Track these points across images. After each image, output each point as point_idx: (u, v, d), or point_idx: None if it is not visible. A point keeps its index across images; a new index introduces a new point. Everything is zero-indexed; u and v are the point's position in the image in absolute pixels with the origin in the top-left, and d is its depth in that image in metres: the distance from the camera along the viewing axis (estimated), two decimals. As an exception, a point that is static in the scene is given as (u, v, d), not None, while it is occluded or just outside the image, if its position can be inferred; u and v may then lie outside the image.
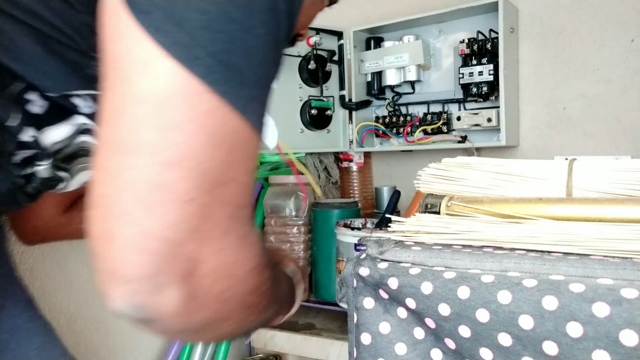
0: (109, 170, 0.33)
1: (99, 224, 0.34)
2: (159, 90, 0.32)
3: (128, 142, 0.33)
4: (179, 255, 0.33)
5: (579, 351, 0.40)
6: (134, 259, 0.33)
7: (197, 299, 0.35)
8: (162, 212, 0.32)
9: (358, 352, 0.54)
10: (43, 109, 0.43)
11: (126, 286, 0.34)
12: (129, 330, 0.85)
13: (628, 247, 0.45)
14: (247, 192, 0.37)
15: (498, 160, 0.59)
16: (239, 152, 0.35)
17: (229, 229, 0.36)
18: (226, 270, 0.36)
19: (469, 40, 0.98)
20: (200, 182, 0.33)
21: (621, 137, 0.94)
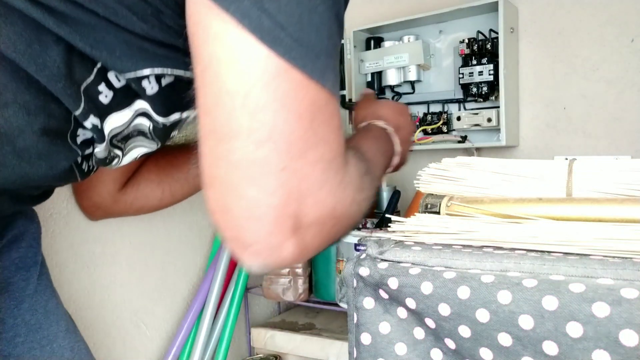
0: (215, 155, 0.40)
1: (214, 201, 0.41)
2: (246, 74, 0.38)
3: (226, 129, 0.39)
4: (284, 216, 0.39)
5: (579, 351, 0.40)
6: (248, 226, 0.39)
7: (308, 245, 0.42)
8: (262, 183, 0.39)
9: (358, 352, 0.54)
10: (109, 99, 0.47)
11: (249, 249, 0.40)
12: (129, 330, 0.85)
13: (628, 247, 0.45)
14: (337, 146, 0.43)
15: (498, 160, 0.59)
16: (321, 117, 0.41)
17: (324, 182, 0.41)
18: (328, 214, 0.43)
19: (469, 40, 0.98)
20: (289, 152, 0.39)
21: (621, 137, 0.94)
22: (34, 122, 0.44)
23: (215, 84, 0.39)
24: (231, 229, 0.40)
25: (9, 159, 0.44)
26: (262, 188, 0.39)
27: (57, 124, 0.46)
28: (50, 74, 0.43)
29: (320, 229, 0.43)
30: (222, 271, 0.94)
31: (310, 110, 0.40)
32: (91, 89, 0.46)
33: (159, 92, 0.49)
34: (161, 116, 0.52)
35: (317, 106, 0.40)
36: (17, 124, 0.43)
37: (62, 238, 0.76)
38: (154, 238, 0.89)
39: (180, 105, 0.52)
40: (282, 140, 0.39)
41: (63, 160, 0.48)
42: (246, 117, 0.38)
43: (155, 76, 0.47)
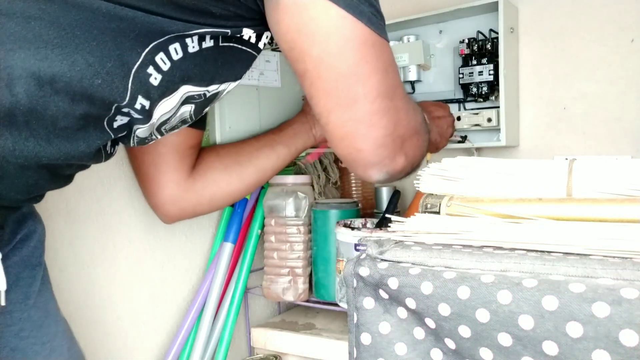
0: (343, 120, 0.56)
1: (347, 148, 0.58)
2: (351, 53, 0.54)
3: (348, 100, 0.55)
4: (395, 139, 0.58)
5: (579, 351, 0.40)
6: (377, 153, 0.58)
7: (409, 154, 0.61)
8: (380, 124, 0.57)
9: (358, 352, 0.54)
10: (158, 82, 0.54)
11: (377, 166, 0.59)
12: (129, 330, 0.85)
13: (628, 247, 0.45)
14: (401, 84, 0.61)
15: (498, 160, 0.59)
16: (394, 66, 0.59)
17: (407, 109, 0.60)
18: (415, 130, 0.62)
19: (469, 40, 0.98)
20: (387, 97, 0.57)
21: (621, 137, 0.94)
22: (76, 109, 0.50)
23: (332, 72, 0.54)
24: (362, 160, 0.58)
25: (52, 138, 0.49)
26: (381, 127, 0.57)
27: (97, 111, 0.52)
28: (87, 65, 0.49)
29: (413, 143, 0.61)
30: (222, 271, 0.94)
31: (390, 64, 0.57)
32: (141, 72, 0.52)
33: (198, 52, 0.56)
34: (203, 85, 0.59)
35: (391, 59, 0.58)
36: (64, 109, 0.49)
37: (62, 238, 0.76)
38: (154, 238, 0.89)
39: (218, 75, 0.60)
40: (384, 92, 0.56)
41: (98, 140, 0.54)
42: (360, 87, 0.55)
43: (198, 37, 0.55)
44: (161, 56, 0.53)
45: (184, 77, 0.56)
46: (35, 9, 0.46)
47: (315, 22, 0.53)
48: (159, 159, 0.78)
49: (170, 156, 0.78)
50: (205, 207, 0.85)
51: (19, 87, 0.45)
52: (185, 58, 0.55)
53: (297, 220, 0.95)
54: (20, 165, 0.49)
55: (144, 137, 0.60)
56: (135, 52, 0.51)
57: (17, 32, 0.45)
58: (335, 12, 0.52)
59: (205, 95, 0.60)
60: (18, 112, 0.46)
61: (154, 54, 0.52)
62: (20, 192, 0.53)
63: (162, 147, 0.77)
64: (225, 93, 0.63)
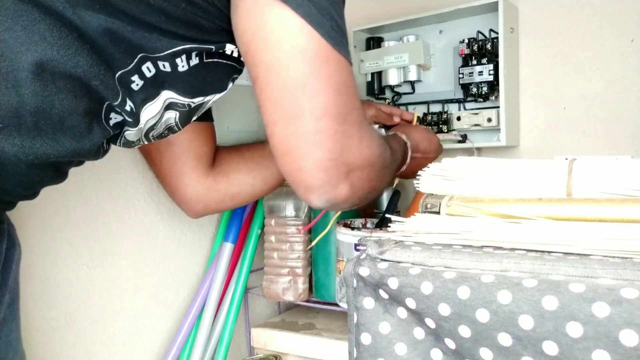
0: (286, 134, 0.54)
1: (289, 165, 0.55)
2: (302, 67, 0.51)
3: (293, 113, 0.53)
4: (340, 165, 0.55)
5: (579, 351, 0.40)
6: (317, 176, 0.55)
7: (355, 185, 0.58)
8: (323, 145, 0.53)
9: (358, 352, 0.54)
10: (139, 87, 0.55)
11: (317, 192, 0.56)
12: (129, 330, 0.85)
13: (628, 247, 0.45)
14: (362, 110, 0.58)
15: (498, 160, 0.59)
16: (351, 89, 0.56)
17: (361, 137, 0.57)
18: (367, 161, 0.59)
19: (469, 40, 0.98)
20: (338, 120, 0.54)
21: (621, 137, 0.94)
22: (79, 104, 0.51)
23: (280, 81, 0.52)
24: (303, 181, 0.55)
25: (59, 136, 0.50)
26: (324, 149, 0.54)
27: (96, 107, 0.53)
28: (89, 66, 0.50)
29: (362, 175, 0.58)
30: (222, 271, 0.94)
31: (345, 85, 0.54)
32: (125, 77, 0.53)
33: (187, 71, 0.56)
34: (187, 97, 0.59)
35: (347, 81, 0.55)
36: (69, 106, 0.50)
37: (62, 238, 0.76)
38: (154, 238, 0.89)
39: (203, 89, 0.60)
40: (333, 112, 0.53)
41: (100, 137, 0.55)
42: (307, 102, 0.52)
43: (186, 55, 0.55)
44: (148, 65, 0.54)
45: (165, 84, 0.56)
46: (38, 12, 0.46)
47: (270, 26, 0.51)
48: (176, 160, 0.79)
49: (186, 156, 0.79)
50: (229, 205, 0.86)
51: (25, 89, 0.46)
52: (174, 73, 0.55)
53: (297, 220, 0.95)
54: (31, 163, 0.50)
55: (131, 140, 0.61)
56: (125, 61, 0.52)
57: (24, 35, 0.46)
58: (291, 18, 0.51)
59: (190, 106, 0.61)
60: (25, 112, 0.47)
61: (141, 64, 0.53)
62: (25, 188, 0.54)
63: (177, 148, 0.78)
64: (211, 103, 0.63)
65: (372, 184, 0.61)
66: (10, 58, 0.46)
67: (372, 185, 0.61)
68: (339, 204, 0.58)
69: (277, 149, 0.55)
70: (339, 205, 0.58)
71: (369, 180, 0.60)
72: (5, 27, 0.45)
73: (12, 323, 0.59)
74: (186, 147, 0.79)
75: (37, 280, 0.72)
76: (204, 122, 0.79)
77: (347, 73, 0.55)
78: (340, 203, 0.58)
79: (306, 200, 0.58)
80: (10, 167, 0.49)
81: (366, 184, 0.60)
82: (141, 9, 0.50)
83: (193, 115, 0.64)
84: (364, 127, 0.58)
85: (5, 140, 0.47)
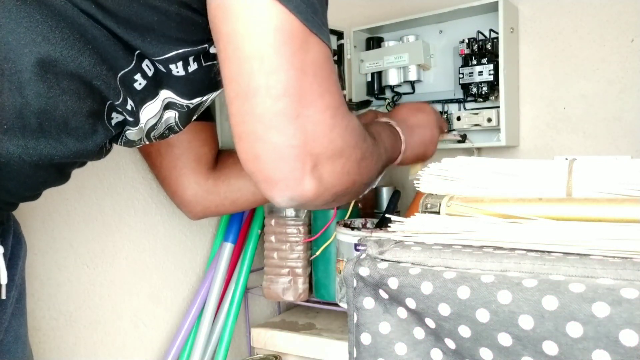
0: (242, 113, 0.49)
1: (245, 152, 0.50)
2: (261, 38, 0.46)
3: (248, 90, 0.48)
4: (303, 154, 0.49)
5: (579, 351, 0.40)
6: (275, 166, 0.49)
7: (326, 180, 0.51)
8: (283, 130, 0.48)
9: (358, 352, 0.54)
10: (142, 87, 0.54)
11: (278, 186, 0.50)
12: (129, 330, 0.85)
13: (628, 247, 0.45)
14: (339, 96, 0.52)
15: (498, 160, 0.59)
16: (323, 72, 0.50)
17: (333, 126, 0.51)
18: (339, 153, 0.52)
19: (469, 40, 0.98)
20: (301, 102, 0.48)
21: (621, 137, 0.94)
22: (83, 105, 0.50)
23: (237, 54, 0.48)
24: (261, 172, 0.50)
25: (63, 137, 0.50)
26: (283, 134, 0.48)
27: (98, 107, 0.52)
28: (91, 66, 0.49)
29: (333, 168, 0.52)
30: (222, 271, 0.94)
31: (314, 65, 0.49)
32: (127, 76, 0.52)
33: (185, 76, 0.55)
34: (185, 99, 0.58)
35: (319, 63, 0.49)
36: (72, 107, 0.49)
37: (62, 238, 0.76)
38: (154, 238, 0.89)
39: (202, 90, 0.59)
40: (294, 94, 0.48)
41: (103, 137, 0.54)
42: (263, 77, 0.47)
43: (182, 62, 0.54)
44: (147, 63, 0.53)
45: (163, 83, 0.56)
46: (39, 13, 0.46)
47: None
48: (176, 162, 0.79)
49: (185, 157, 0.78)
50: (229, 209, 0.85)
51: (29, 90, 0.46)
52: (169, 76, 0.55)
53: (297, 220, 0.95)
54: (35, 164, 0.50)
55: (132, 140, 0.61)
56: (127, 59, 0.52)
57: (27, 36, 0.46)
58: None
59: (188, 107, 0.60)
60: (29, 113, 0.47)
61: (141, 61, 0.53)
62: (28, 189, 0.54)
63: (177, 149, 0.78)
64: (210, 101, 0.63)
65: (350, 178, 0.55)
66: (13, 60, 0.46)
67: (349, 180, 0.55)
68: (306, 202, 0.52)
69: (233, 132, 0.51)
70: (308, 204, 0.52)
71: (343, 174, 0.54)
72: (8, 29, 0.45)
73: (20, 318, 0.60)
74: (186, 148, 0.78)
75: (37, 280, 0.72)
76: (203, 122, 0.79)
77: (317, 53, 0.49)
78: (308, 202, 0.52)
79: (268, 197, 0.51)
80: (15, 168, 0.49)
81: (340, 179, 0.53)
82: (133, 10, 0.50)
83: (193, 115, 0.64)
84: (339, 114, 0.52)
85: (9, 142, 0.47)
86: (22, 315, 0.60)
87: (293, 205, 0.52)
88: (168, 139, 0.71)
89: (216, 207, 0.83)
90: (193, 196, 0.80)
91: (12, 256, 0.57)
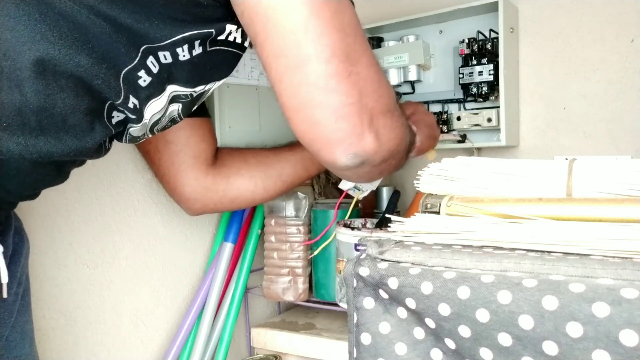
0: (295, 85, 0.50)
1: (303, 122, 0.51)
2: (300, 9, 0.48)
3: (298, 61, 0.49)
4: (361, 109, 0.51)
5: (579, 351, 0.40)
6: (337, 126, 0.50)
7: (381, 134, 0.53)
8: (338, 89, 0.49)
9: (358, 352, 0.54)
10: (147, 83, 0.54)
11: (341, 145, 0.51)
12: (129, 330, 0.85)
13: (628, 247, 0.45)
14: (372, 53, 0.54)
15: (498, 160, 0.59)
16: (358, 32, 0.52)
17: (379, 80, 0.54)
18: (387, 107, 0.54)
19: (469, 40, 0.98)
20: (349, 61, 0.50)
21: (621, 137, 0.94)
22: (81, 103, 0.50)
23: (278, 29, 0.48)
24: (323, 138, 0.51)
25: (62, 135, 0.50)
26: (341, 93, 0.49)
27: (97, 106, 0.52)
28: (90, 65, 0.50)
29: (385, 122, 0.54)
30: (222, 271, 0.94)
31: (350, 25, 0.51)
32: (131, 74, 0.53)
33: (190, 60, 0.55)
34: (189, 87, 0.58)
35: (354, 23, 0.52)
36: (71, 105, 0.49)
37: (62, 238, 0.76)
38: (154, 238, 0.89)
39: (205, 78, 0.59)
40: (341, 53, 0.49)
41: (102, 135, 0.54)
42: (311, 45, 0.48)
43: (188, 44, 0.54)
44: (151, 59, 0.53)
45: (171, 78, 0.56)
46: (38, 12, 0.46)
47: None
48: (174, 159, 0.79)
49: (184, 154, 0.79)
50: (227, 207, 0.85)
51: (28, 87, 0.46)
52: (175, 64, 0.55)
53: (297, 220, 0.95)
54: (34, 162, 0.50)
55: (136, 135, 0.61)
56: (129, 56, 0.52)
57: (26, 34, 0.46)
58: None
59: (192, 96, 0.60)
60: (28, 111, 0.47)
61: (146, 57, 0.53)
62: (27, 188, 0.54)
63: (175, 146, 0.78)
64: (210, 92, 0.63)
65: (397, 133, 0.57)
66: (12, 57, 0.46)
67: (398, 136, 0.57)
68: (369, 158, 0.53)
69: (287, 107, 0.51)
70: (370, 160, 0.53)
71: (393, 128, 0.56)
72: (7, 26, 0.45)
73: (25, 315, 0.60)
74: (184, 144, 0.78)
75: (37, 280, 0.72)
76: (200, 117, 0.80)
77: (350, 13, 0.52)
78: (370, 157, 0.53)
79: (332, 162, 0.52)
80: (15, 165, 0.49)
81: (392, 133, 0.55)
82: None
83: (195, 105, 0.64)
84: (380, 70, 0.55)
85: (9, 139, 0.47)
86: (27, 312, 0.61)
87: (356, 162, 0.53)
88: (166, 136, 0.71)
89: (215, 204, 0.83)
90: (192, 192, 0.80)
91: (14, 253, 0.57)
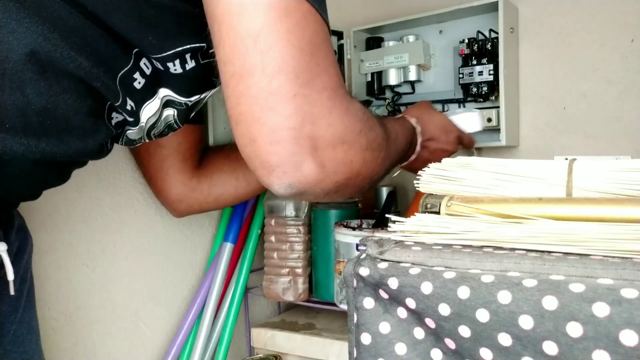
0: (237, 95, 0.46)
1: (242, 135, 0.47)
2: (255, 16, 0.44)
3: (243, 70, 0.46)
4: (302, 137, 0.46)
5: (579, 351, 0.40)
6: (272, 150, 0.46)
7: (327, 166, 0.48)
8: (279, 109, 0.45)
9: (358, 352, 0.54)
10: (141, 85, 0.53)
11: (276, 172, 0.47)
12: (128, 330, 0.85)
13: (628, 247, 0.45)
14: (337, 77, 0.49)
15: (498, 160, 0.59)
16: (321, 51, 0.48)
17: (332, 107, 0.48)
18: (340, 138, 0.49)
19: (469, 40, 0.98)
20: (297, 81, 0.46)
21: (621, 137, 0.94)
22: (83, 104, 0.50)
23: (231, 34, 0.46)
24: (258, 156, 0.47)
25: (64, 135, 0.50)
26: (280, 114, 0.46)
27: (98, 107, 0.53)
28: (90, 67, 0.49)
29: (335, 153, 0.49)
30: (222, 271, 0.94)
31: (312, 43, 0.47)
32: (127, 77, 0.52)
33: (183, 74, 0.54)
34: (184, 96, 0.58)
35: (317, 42, 0.47)
36: (73, 106, 0.49)
37: (62, 238, 0.76)
38: (154, 238, 0.89)
39: (200, 88, 0.58)
40: (291, 72, 0.45)
41: (104, 136, 0.54)
42: (258, 56, 0.45)
43: (180, 59, 0.53)
44: (144, 61, 0.54)
45: (162, 82, 0.56)
46: (38, 15, 0.47)
47: None
48: (163, 162, 0.80)
49: (173, 158, 0.80)
50: (212, 206, 0.86)
51: (30, 89, 0.47)
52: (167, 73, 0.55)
53: (297, 220, 0.95)
54: (37, 163, 0.50)
55: (132, 139, 0.61)
56: (124, 59, 0.52)
57: (28, 36, 0.46)
58: None
59: (187, 105, 0.60)
60: (31, 112, 0.47)
61: (139, 59, 0.53)
62: (29, 188, 0.55)
63: (165, 150, 0.79)
64: (207, 98, 0.63)
65: (353, 167, 0.52)
66: (14, 60, 0.46)
67: (353, 170, 0.52)
68: (306, 190, 0.49)
69: (230, 116, 0.48)
70: (308, 191, 0.49)
71: (346, 162, 0.50)
72: (9, 29, 0.46)
73: (31, 310, 0.61)
74: (174, 149, 0.80)
75: (37, 280, 0.72)
76: (194, 124, 0.80)
77: (314, 30, 0.47)
78: (308, 188, 0.49)
79: (266, 185, 0.48)
80: (17, 166, 0.49)
81: (343, 167, 0.50)
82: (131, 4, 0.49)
83: (191, 113, 0.64)
84: (338, 96, 0.49)
85: (12, 140, 0.47)
86: (32, 308, 0.61)
87: (292, 193, 0.48)
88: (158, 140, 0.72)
89: (200, 204, 0.84)
90: (177, 195, 0.82)
91: (18, 251, 0.58)
